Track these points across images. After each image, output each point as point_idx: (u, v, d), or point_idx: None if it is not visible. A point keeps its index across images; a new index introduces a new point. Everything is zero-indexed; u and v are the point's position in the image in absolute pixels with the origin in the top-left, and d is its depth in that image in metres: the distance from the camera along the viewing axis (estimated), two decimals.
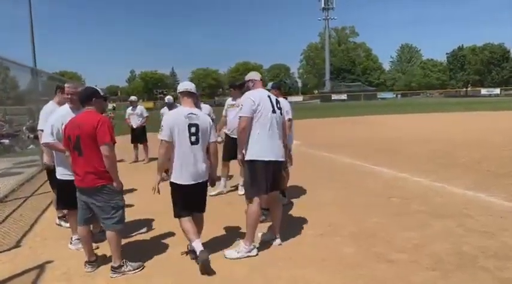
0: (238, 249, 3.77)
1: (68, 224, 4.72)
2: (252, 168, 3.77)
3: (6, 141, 10.98)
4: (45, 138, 3.98)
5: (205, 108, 6.91)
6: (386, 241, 4.02)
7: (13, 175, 7.72)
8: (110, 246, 3.49)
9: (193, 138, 3.56)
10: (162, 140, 3.54)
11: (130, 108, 10.29)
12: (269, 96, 3.91)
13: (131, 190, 6.22)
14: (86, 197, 3.45)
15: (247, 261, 3.67)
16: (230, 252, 3.78)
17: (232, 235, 4.40)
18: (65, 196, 3.92)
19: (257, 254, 3.77)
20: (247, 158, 3.81)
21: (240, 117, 3.82)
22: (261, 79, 4.14)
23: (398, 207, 5.19)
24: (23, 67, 8.34)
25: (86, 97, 3.53)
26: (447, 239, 3.98)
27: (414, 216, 4.77)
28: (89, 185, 3.37)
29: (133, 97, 10.65)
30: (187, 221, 3.62)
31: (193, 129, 3.55)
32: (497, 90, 62.35)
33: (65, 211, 4.89)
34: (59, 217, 4.96)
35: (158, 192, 3.56)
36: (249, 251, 3.74)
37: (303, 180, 6.76)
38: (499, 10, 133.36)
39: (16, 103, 11.57)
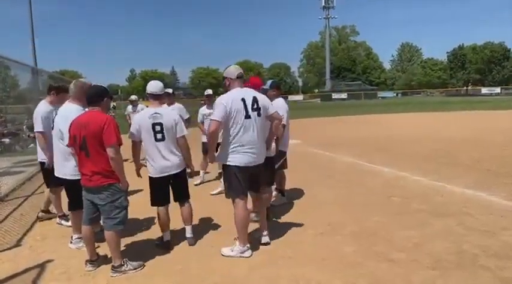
0: (233, 248, 3.81)
1: (68, 223, 4.73)
2: (227, 171, 3.80)
3: (7, 140, 10.98)
4: None
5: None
6: (386, 240, 4.02)
7: (13, 174, 7.73)
8: (110, 246, 3.50)
9: (158, 136, 3.87)
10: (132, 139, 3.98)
11: (131, 106, 10.30)
12: (243, 99, 3.69)
13: (131, 189, 6.20)
14: (91, 195, 3.44)
15: (247, 260, 3.67)
16: (225, 249, 3.83)
17: (231, 233, 4.39)
18: (76, 196, 3.87)
19: (251, 256, 3.76)
20: (222, 162, 3.84)
21: (210, 120, 3.79)
22: (238, 77, 3.83)
23: (398, 206, 5.19)
24: (24, 66, 8.34)
25: (97, 97, 3.48)
26: (447, 238, 3.98)
27: (414, 215, 4.77)
28: (96, 184, 3.37)
29: (133, 97, 10.66)
30: (161, 212, 4.03)
31: (157, 128, 3.86)
32: (498, 89, 62.16)
33: (66, 211, 4.91)
34: (59, 216, 4.96)
35: (139, 176, 4.12)
36: (242, 252, 3.76)
37: (303, 179, 6.76)
38: (500, 9, 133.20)
39: (17, 102, 11.57)
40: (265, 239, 4.03)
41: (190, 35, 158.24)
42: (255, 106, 3.76)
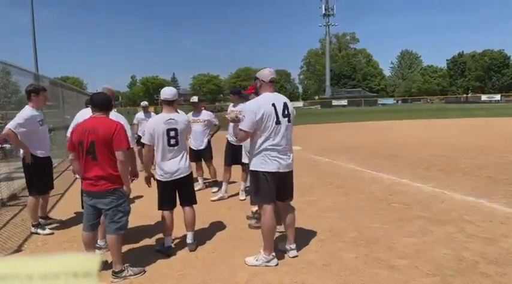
0: (257, 257, 3.70)
1: (44, 232, 4.76)
2: (256, 178, 3.69)
3: (8, 146, 10.99)
4: None
5: (207, 114, 6.96)
6: (387, 246, 4.02)
7: (14, 179, 7.73)
8: (111, 251, 3.50)
9: (172, 141, 3.99)
10: (145, 144, 4.04)
11: (143, 113, 9.41)
12: (273, 104, 3.61)
13: (133, 196, 6.22)
14: (95, 201, 3.44)
15: (249, 266, 3.66)
16: (250, 259, 3.73)
17: (232, 239, 4.41)
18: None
19: (277, 265, 3.67)
20: (250, 168, 3.75)
21: (239, 128, 3.72)
22: (271, 81, 3.75)
23: (399, 213, 5.19)
24: (25, 72, 8.39)
25: (109, 103, 3.59)
26: (448, 245, 3.98)
27: (415, 222, 4.78)
28: (102, 189, 3.38)
29: (144, 103, 9.77)
30: (167, 216, 4.08)
31: (172, 133, 3.98)
32: (498, 97, 62.38)
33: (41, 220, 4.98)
34: (33, 225, 4.83)
35: (150, 184, 4.15)
36: (268, 261, 3.65)
37: (304, 186, 6.77)
38: (499, 17, 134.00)
39: (18, 108, 11.62)
40: (293, 253, 3.86)
41: (191, 42, 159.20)
42: (286, 112, 3.67)
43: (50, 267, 0.45)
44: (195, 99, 7.06)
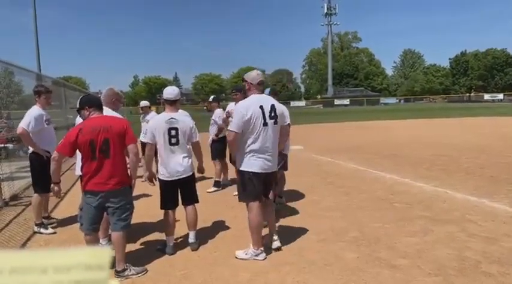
0: (246, 251, 3.83)
1: (48, 231, 4.80)
2: (242, 177, 3.85)
3: (11, 146, 11.02)
4: None
5: (214, 114, 7.05)
6: (389, 246, 4.02)
7: (17, 179, 7.76)
8: (117, 248, 3.48)
9: (173, 140, 4.02)
10: (146, 142, 4.10)
11: (142, 115, 8.54)
12: (261, 106, 3.73)
13: (134, 195, 6.23)
14: (103, 201, 3.39)
15: (250, 266, 3.68)
16: (239, 252, 3.85)
17: (235, 238, 4.41)
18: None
19: (265, 259, 3.78)
20: (238, 167, 3.89)
21: (228, 130, 3.88)
22: (259, 83, 3.88)
23: (401, 212, 5.19)
24: (28, 72, 8.42)
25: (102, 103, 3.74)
26: (450, 245, 3.98)
27: (417, 221, 4.77)
28: (114, 188, 3.39)
29: (144, 102, 8.68)
30: (169, 216, 4.09)
31: (173, 132, 4.01)
32: (501, 96, 62.10)
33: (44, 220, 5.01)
34: (36, 224, 4.85)
35: (153, 183, 4.23)
36: (256, 255, 3.78)
37: (306, 185, 6.77)
38: (502, 16, 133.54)
39: (21, 107, 11.65)
40: (276, 244, 3.99)
41: (192, 42, 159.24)
42: (273, 114, 3.80)
43: (61, 260, 0.45)
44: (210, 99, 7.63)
